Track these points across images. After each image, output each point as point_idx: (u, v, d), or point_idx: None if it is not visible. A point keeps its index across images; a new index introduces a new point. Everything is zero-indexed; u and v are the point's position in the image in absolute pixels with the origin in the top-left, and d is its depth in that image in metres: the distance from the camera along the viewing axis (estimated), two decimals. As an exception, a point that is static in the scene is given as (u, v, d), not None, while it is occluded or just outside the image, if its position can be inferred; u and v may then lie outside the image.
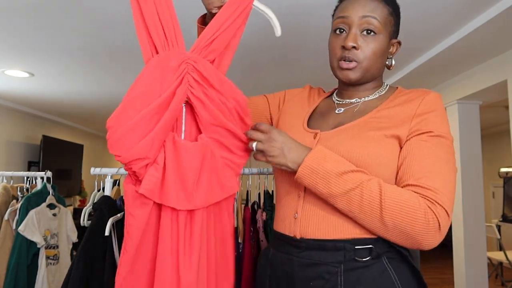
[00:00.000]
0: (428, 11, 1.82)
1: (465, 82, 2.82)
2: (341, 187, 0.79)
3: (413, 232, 0.75)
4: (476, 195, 2.90)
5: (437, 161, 0.80)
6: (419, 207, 0.75)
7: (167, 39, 0.79)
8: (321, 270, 0.82)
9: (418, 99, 0.88)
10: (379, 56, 0.92)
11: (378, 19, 0.91)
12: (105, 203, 1.36)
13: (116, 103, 3.90)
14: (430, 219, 0.75)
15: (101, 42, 2.20)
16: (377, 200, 0.77)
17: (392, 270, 0.81)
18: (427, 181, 0.78)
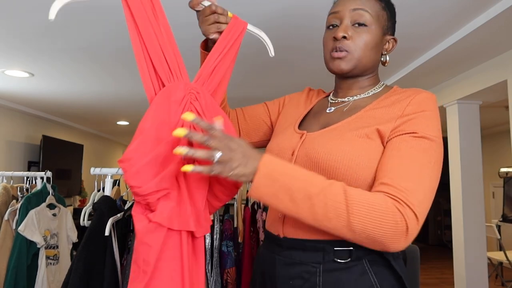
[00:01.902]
0: (428, 11, 1.82)
1: (465, 82, 2.82)
2: (302, 193, 0.74)
3: (381, 236, 0.72)
4: (476, 195, 2.90)
5: (414, 162, 0.77)
6: (387, 210, 0.72)
7: (171, 72, 0.81)
8: (301, 269, 0.83)
9: (408, 99, 0.86)
10: (371, 47, 0.91)
11: (369, 12, 0.91)
12: (105, 203, 1.36)
13: (116, 103, 3.91)
14: (399, 221, 0.72)
15: (101, 42, 2.20)
16: (343, 205, 0.73)
17: (373, 273, 0.80)
18: (400, 181, 0.75)
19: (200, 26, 0.94)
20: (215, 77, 0.87)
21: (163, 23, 0.81)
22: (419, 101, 0.85)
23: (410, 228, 0.72)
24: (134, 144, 0.75)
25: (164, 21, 0.81)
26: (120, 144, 7.92)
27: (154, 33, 0.79)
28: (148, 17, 0.79)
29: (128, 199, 1.58)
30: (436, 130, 0.82)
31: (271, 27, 1.98)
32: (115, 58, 2.48)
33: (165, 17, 0.82)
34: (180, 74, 0.82)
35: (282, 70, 2.77)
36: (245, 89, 3.32)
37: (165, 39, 0.80)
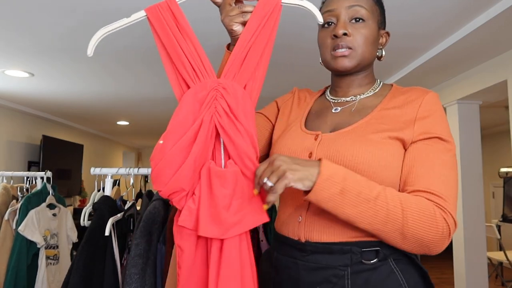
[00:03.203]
0: (429, 11, 1.82)
1: (465, 82, 2.82)
2: (361, 197, 0.75)
3: (428, 241, 0.75)
4: (476, 195, 2.90)
5: (444, 167, 0.80)
6: (435, 216, 0.75)
7: (195, 72, 0.79)
8: (328, 273, 0.81)
9: (418, 99, 0.87)
10: (370, 42, 0.91)
11: (365, 7, 0.91)
12: (105, 203, 1.36)
13: (116, 103, 3.91)
14: (444, 227, 0.75)
15: (102, 42, 2.19)
16: (399, 210, 0.75)
17: (399, 272, 0.81)
18: (436, 188, 0.78)
19: (222, 20, 0.86)
20: (247, 67, 0.78)
21: (185, 30, 0.80)
22: (429, 102, 0.86)
23: (451, 232, 0.77)
24: (156, 146, 0.75)
25: (186, 27, 0.80)
26: (120, 144, 7.93)
27: (176, 41, 0.79)
28: (170, 28, 0.79)
29: (128, 199, 1.58)
30: (449, 129, 0.86)
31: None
32: (115, 58, 2.48)
33: (187, 23, 0.81)
34: (207, 73, 0.79)
35: (279, 69, 2.77)
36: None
37: (188, 44, 0.79)
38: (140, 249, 1.20)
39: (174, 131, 0.75)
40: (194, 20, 1.92)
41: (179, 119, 0.75)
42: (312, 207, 0.86)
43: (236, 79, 0.78)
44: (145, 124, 5.40)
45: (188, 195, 0.76)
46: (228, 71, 0.78)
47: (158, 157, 0.74)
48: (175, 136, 0.74)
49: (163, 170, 0.73)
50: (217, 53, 2.18)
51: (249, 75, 0.78)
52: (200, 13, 1.84)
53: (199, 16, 1.86)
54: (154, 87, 3.26)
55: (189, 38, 0.80)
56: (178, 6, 0.81)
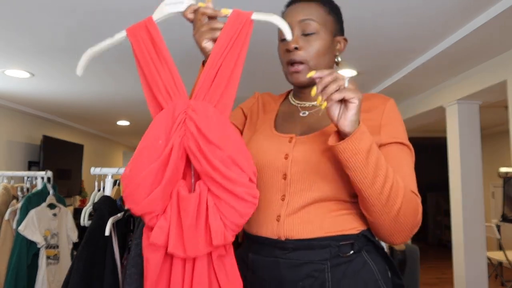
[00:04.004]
0: (429, 11, 1.83)
1: (465, 82, 2.82)
2: (383, 170, 0.80)
3: (410, 228, 0.83)
4: (476, 195, 2.91)
5: (410, 168, 0.89)
6: (418, 206, 0.84)
7: (168, 93, 0.79)
8: (310, 268, 0.84)
9: (381, 106, 0.93)
10: (323, 54, 0.94)
11: (315, 20, 0.93)
12: (105, 203, 1.36)
13: (116, 103, 3.91)
14: (420, 221, 0.85)
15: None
16: (402, 191, 0.81)
17: (372, 262, 0.87)
18: (411, 187, 0.85)
19: (193, 36, 0.86)
20: (218, 85, 0.77)
21: (160, 50, 0.81)
22: (391, 110, 0.94)
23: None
24: (128, 165, 0.76)
25: (162, 47, 0.81)
26: (120, 144, 7.93)
27: (151, 61, 0.79)
28: (146, 47, 0.81)
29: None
30: (405, 134, 0.94)
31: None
32: (116, 58, 2.48)
33: (163, 43, 0.81)
34: (179, 93, 0.79)
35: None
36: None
37: (162, 64, 0.80)
38: (140, 249, 1.20)
39: (145, 154, 0.75)
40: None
41: (150, 141, 0.75)
42: (290, 205, 0.87)
43: (206, 98, 0.77)
44: (145, 124, 5.39)
45: (159, 215, 0.77)
46: (199, 91, 0.78)
47: (129, 178, 0.74)
48: (146, 159, 0.74)
49: (135, 191, 0.74)
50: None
51: (220, 93, 0.78)
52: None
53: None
54: (154, 87, 3.26)
55: (164, 58, 0.80)
56: (155, 25, 0.82)
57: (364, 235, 0.87)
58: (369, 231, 0.89)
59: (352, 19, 1.88)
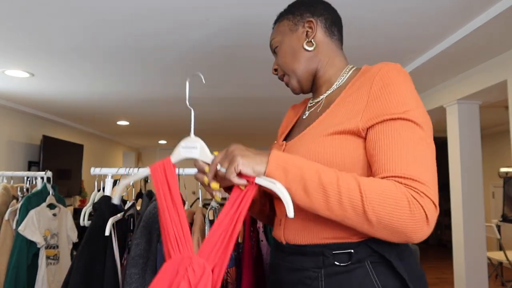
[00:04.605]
0: (428, 11, 1.82)
1: (465, 82, 2.82)
2: (315, 182, 0.72)
3: (399, 225, 0.69)
4: (476, 195, 2.90)
5: (413, 148, 0.73)
6: (401, 197, 0.69)
7: (177, 243, 0.81)
8: (303, 275, 0.82)
9: (371, 78, 0.81)
10: (292, 58, 0.96)
11: (275, 37, 0.99)
12: (105, 203, 1.36)
13: (116, 103, 3.90)
14: (415, 210, 0.69)
15: (102, 42, 2.20)
16: (357, 194, 0.70)
17: (375, 276, 0.77)
18: (408, 171, 0.72)
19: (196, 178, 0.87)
20: (218, 249, 0.79)
21: (173, 194, 0.84)
22: (382, 77, 0.80)
23: (429, 217, 0.70)
24: None
25: (175, 192, 0.84)
26: (120, 144, 7.93)
27: (165, 205, 0.84)
28: (163, 189, 0.84)
29: (128, 199, 1.58)
30: (406, 103, 0.77)
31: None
32: (116, 58, 2.48)
33: (176, 188, 0.85)
34: (186, 246, 0.81)
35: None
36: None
37: (174, 210, 0.83)
38: (140, 249, 1.20)
39: None
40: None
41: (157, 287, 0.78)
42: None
43: (210, 258, 0.78)
44: (145, 124, 5.40)
45: None
46: (204, 249, 0.79)
47: None
48: None
49: None
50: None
51: (218, 256, 0.79)
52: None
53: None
54: (154, 87, 3.26)
55: (176, 204, 0.83)
56: (171, 167, 0.85)
57: (367, 244, 0.78)
58: (376, 240, 0.76)
59: (352, 19, 1.88)
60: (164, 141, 7.84)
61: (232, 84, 3.13)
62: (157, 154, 9.07)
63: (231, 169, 0.74)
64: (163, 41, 2.19)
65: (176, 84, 3.15)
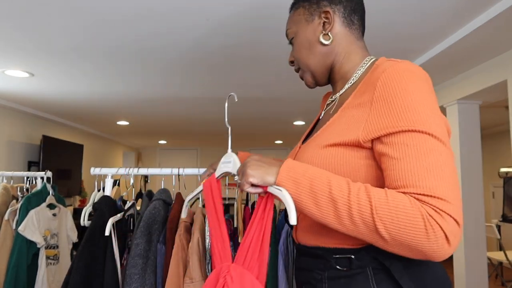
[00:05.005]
0: (428, 11, 1.82)
1: (465, 82, 2.82)
2: (325, 195, 0.69)
3: (414, 244, 0.64)
4: (476, 195, 2.90)
5: (422, 159, 0.67)
6: (416, 215, 0.64)
7: (220, 255, 0.87)
8: (309, 276, 0.83)
9: (374, 82, 0.76)
10: (308, 51, 0.91)
11: (290, 28, 0.94)
12: (105, 203, 1.36)
13: (116, 103, 3.90)
14: (431, 230, 0.63)
15: (102, 42, 2.20)
16: (368, 209, 0.66)
17: (375, 283, 0.74)
18: (423, 185, 0.65)
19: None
20: (253, 252, 0.82)
21: (216, 208, 0.90)
22: (384, 82, 0.73)
23: (450, 235, 0.63)
24: None
25: (218, 206, 0.90)
26: (120, 144, 7.92)
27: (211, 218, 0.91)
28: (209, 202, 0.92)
29: (128, 199, 1.58)
30: (412, 111, 0.69)
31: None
32: (116, 58, 2.48)
33: (219, 202, 0.90)
34: (225, 256, 0.86)
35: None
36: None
37: (217, 224, 0.90)
38: (140, 249, 1.20)
39: None
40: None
41: None
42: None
43: (245, 264, 0.82)
44: (145, 124, 5.40)
45: None
46: (238, 257, 0.84)
47: None
48: None
49: None
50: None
51: (255, 260, 0.82)
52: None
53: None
54: (154, 87, 3.26)
55: (218, 216, 0.89)
56: (215, 182, 0.92)
57: (367, 251, 0.75)
58: (377, 247, 0.72)
59: (352, 19, 1.88)
60: (164, 141, 7.84)
61: (232, 84, 3.13)
62: (157, 154, 9.07)
63: (243, 181, 0.77)
64: (163, 41, 2.19)
65: (176, 84, 3.15)
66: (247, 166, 0.77)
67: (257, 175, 0.75)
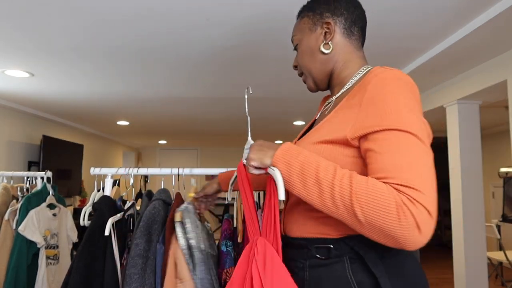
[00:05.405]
0: (428, 11, 1.82)
1: (465, 82, 2.82)
2: (312, 178, 0.76)
3: (387, 229, 0.68)
4: (476, 195, 2.90)
5: (405, 154, 0.73)
6: (390, 201, 0.68)
7: (252, 227, 0.94)
8: (293, 264, 0.91)
9: (365, 86, 0.82)
10: (310, 58, 0.99)
11: (295, 35, 1.02)
12: (104, 203, 1.36)
13: (116, 103, 3.90)
14: (403, 216, 0.67)
15: (102, 42, 2.20)
16: (348, 192, 0.71)
17: (351, 271, 0.81)
18: (402, 177, 0.70)
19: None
20: (270, 228, 0.90)
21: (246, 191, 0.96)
22: (374, 86, 0.80)
23: (421, 225, 0.67)
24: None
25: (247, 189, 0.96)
26: (120, 144, 7.93)
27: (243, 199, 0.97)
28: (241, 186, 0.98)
29: (128, 199, 1.58)
30: (397, 112, 0.76)
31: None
32: (116, 58, 2.48)
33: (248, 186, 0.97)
34: (255, 228, 0.93)
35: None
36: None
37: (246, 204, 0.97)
38: (140, 249, 1.20)
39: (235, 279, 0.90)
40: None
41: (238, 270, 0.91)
42: (288, 204, 0.96)
43: (268, 238, 0.90)
44: (145, 124, 5.40)
45: None
46: (263, 230, 0.91)
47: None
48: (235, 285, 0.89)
49: None
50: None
51: (271, 232, 0.90)
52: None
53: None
54: (154, 87, 3.26)
55: (247, 198, 0.96)
56: (241, 166, 0.96)
57: (345, 241, 0.82)
58: (356, 238, 0.80)
59: (352, 19, 1.88)
60: (164, 141, 7.84)
61: (232, 84, 3.13)
62: (157, 154, 9.07)
63: (247, 165, 0.86)
64: (163, 41, 2.19)
65: (176, 84, 3.15)
66: (250, 150, 0.87)
67: (257, 158, 0.84)
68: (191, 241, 1.20)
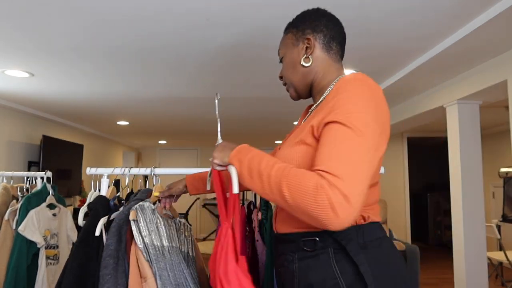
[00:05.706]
0: (429, 11, 1.82)
1: (465, 82, 2.82)
2: (256, 170, 0.88)
3: (305, 208, 0.77)
4: (476, 195, 2.90)
5: (331, 147, 0.82)
6: (311, 184, 0.77)
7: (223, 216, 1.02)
8: (284, 258, 0.99)
9: (332, 93, 0.93)
10: (293, 70, 1.09)
11: (280, 49, 1.13)
12: (100, 203, 1.36)
13: (116, 103, 3.90)
14: (319, 197, 0.75)
15: (102, 42, 2.20)
16: (279, 178, 0.83)
17: (335, 262, 0.89)
18: (327, 165, 0.79)
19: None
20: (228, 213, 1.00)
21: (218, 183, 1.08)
22: (338, 87, 0.92)
23: (337, 206, 0.75)
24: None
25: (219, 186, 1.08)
26: (120, 144, 7.92)
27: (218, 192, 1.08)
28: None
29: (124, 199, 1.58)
30: (349, 108, 0.85)
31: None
32: (116, 58, 2.48)
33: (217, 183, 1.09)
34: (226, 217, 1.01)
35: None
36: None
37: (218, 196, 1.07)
38: (111, 249, 1.20)
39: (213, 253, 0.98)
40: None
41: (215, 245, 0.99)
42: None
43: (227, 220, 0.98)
44: (145, 124, 5.40)
45: None
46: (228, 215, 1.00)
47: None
48: None
49: None
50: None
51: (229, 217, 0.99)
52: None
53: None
54: (154, 87, 3.26)
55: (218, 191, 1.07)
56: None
57: (329, 233, 0.89)
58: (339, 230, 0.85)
59: (352, 20, 1.88)
60: (164, 141, 7.84)
61: (232, 84, 3.13)
62: (157, 154, 9.07)
63: (211, 161, 1.01)
64: (163, 41, 2.19)
65: (176, 84, 3.15)
66: (215, 150, 1.02)
67: (218, 157, 1.00)
68: (146, 238, 1.21)
